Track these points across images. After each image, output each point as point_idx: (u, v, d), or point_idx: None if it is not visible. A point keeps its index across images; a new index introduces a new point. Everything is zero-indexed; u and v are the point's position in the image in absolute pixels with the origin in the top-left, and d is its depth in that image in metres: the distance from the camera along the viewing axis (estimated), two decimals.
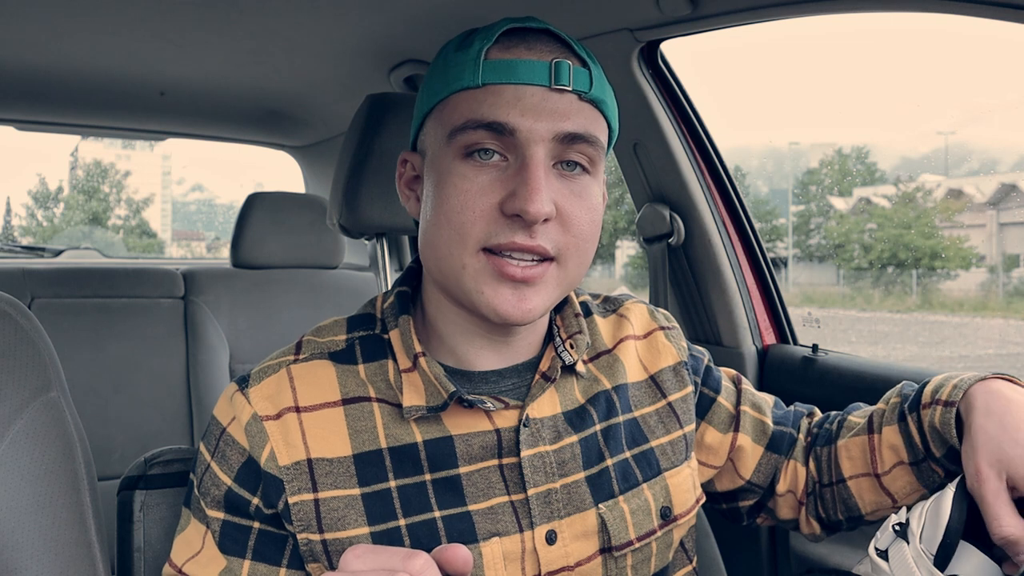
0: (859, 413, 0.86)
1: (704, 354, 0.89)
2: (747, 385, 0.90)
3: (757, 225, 1.52)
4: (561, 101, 0.66)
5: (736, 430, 0.86)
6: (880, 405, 0.84)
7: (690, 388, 0.84)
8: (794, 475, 0.87)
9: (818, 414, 0.92)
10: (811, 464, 0.87)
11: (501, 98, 0.65)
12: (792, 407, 0.92)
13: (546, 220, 0.65)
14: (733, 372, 0.91)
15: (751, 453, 0.86)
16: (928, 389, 0.77)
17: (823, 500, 0.86)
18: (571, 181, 0.68)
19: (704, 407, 0.86)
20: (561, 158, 0.67)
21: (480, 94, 0.66)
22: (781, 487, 0.87)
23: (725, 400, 0.87)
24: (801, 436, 0.88)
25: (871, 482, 0.81)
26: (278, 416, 0.68)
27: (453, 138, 0.66)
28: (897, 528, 0.69)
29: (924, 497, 0.75)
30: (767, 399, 0.91)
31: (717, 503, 0.91)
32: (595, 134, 0.67)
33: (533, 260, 0.66)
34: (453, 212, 0.66)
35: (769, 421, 0.88)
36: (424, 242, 0.70)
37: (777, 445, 0.87)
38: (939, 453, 0.75)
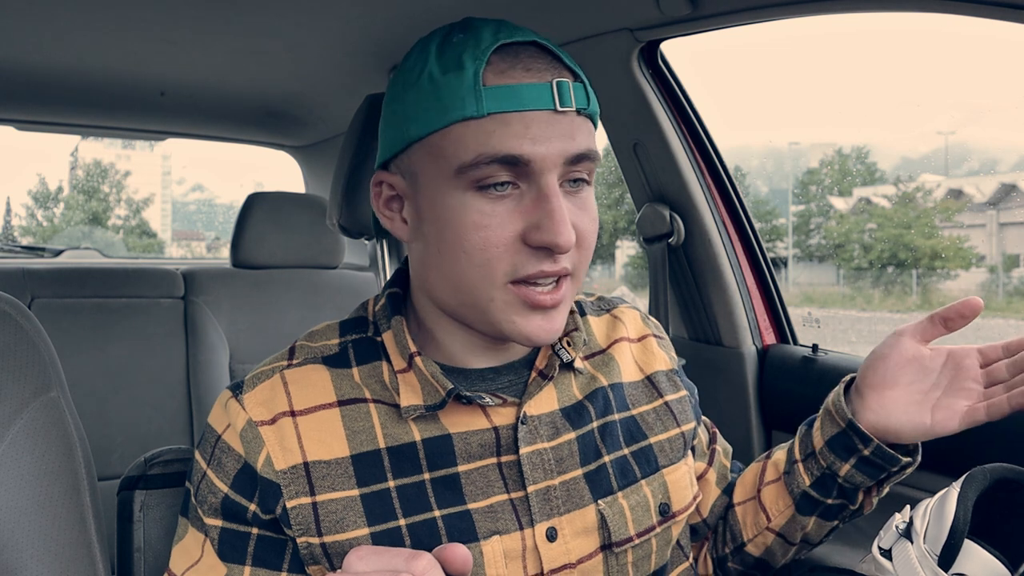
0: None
1: (692, 387, 0.90)
2: (717, 431, 0.93)
3: (757, 225, 1.52)
4: (565, 122, 0.64)
5: (709, 463, 0.89)
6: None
7: (684, 392, 0.85)
8: None
9: None
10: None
11: (509, 128, 0.62)
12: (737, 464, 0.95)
13: None
14: (706, 420, 0.93)
15: (711, 493, 0.89)
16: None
17: (716, 534, 0.90)
18: (577, 197, 0.67)
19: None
20: (567, 177, 0.66)
21: (486, 124, 0.62)
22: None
23: (703, 434, 0.89)
24: None
25: (753, 504, 0.86)
26: (273, 421, 0.68)
27: (463, 173, 0.63)
28: (901, 527, 0.69)
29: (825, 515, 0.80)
30: (729, 448, 0.94)
31: None
32: (595, 148, 0.67)
33: (554, 283, 0.66)
34: (475, 249, 0.64)
35: (729, 467, 0.91)
36: (434, 274, 0.68)
37: (729, 490, 0.90)
38: (825, 436, 0.78)
